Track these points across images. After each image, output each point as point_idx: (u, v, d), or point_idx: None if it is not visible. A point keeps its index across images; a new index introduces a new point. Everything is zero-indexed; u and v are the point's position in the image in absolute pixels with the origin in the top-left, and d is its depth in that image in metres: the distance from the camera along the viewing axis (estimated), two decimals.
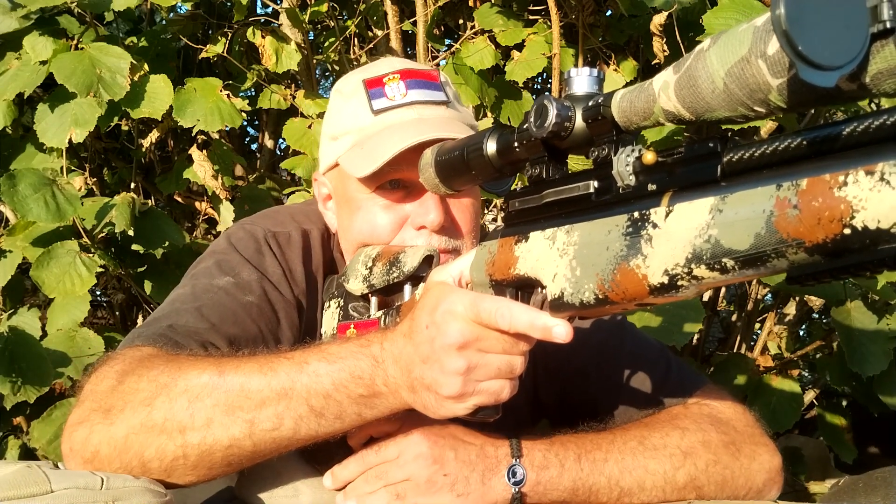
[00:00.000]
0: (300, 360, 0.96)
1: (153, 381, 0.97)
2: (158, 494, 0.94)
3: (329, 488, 1.07)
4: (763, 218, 0.66)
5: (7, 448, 2.21)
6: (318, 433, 0.96)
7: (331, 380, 0.93)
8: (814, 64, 0.54)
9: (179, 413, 0.94)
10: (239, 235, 1.27)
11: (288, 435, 0.95)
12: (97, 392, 1.00)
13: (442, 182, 1.00)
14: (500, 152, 0.91)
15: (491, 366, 0.88)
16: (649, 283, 0.75)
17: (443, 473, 1.00)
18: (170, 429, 0.94)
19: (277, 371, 0.95)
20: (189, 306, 1.14)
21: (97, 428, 0.97)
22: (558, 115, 0.81)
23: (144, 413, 0.95)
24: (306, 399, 0.93)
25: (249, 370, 0.96)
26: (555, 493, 1.03)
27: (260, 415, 0.94)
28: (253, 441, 0.95)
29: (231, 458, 0.96)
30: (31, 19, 2.16)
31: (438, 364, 0.88)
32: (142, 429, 0.95)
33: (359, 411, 0.95)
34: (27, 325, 2.08)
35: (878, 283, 2.13)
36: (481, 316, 0.87)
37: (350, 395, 0.93)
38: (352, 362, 0.94)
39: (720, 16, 1.82)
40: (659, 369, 1.25)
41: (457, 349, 0.87)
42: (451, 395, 0.89)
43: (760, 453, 1.13)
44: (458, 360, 0.87)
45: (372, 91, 1.24)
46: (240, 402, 0.94)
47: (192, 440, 0.94)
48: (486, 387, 0.89)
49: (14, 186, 1.94)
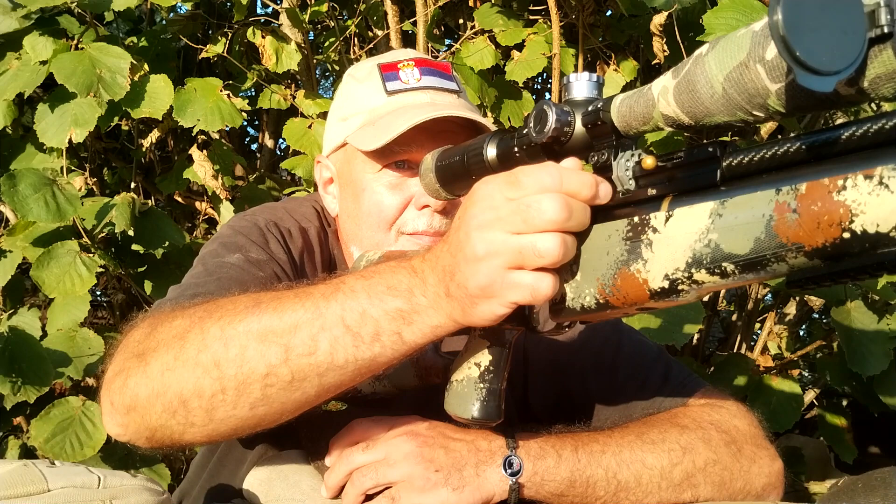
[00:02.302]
0: (338, 282, 0.90)
1: (188, 317, 0.94)
2: (156, 493, 0.94)
3: (326, 498, 1.07)
4: (763, 222, 0.66)
5: (7, 448, 2.22)
6: (357, 358, 0.88)
7: (366, 294, 0.87)
8: (811, 69, 0.54)
9: (212, 343, 0.90)
10: (241, 224, 1.26)
11: (325, 360, 0.88)
12: (130, 342, 0.98)
13: (442, 187, 1.00)
14: (501, 157, 0.91)
15: (512, 248, 0.78)
16: (650, 288, 0.75)
17: (434, 469, 0.98)
18: (204, 361, 0.90)
19: (312, 293, 0.90)
20: (206, 279, 1.12)
21: (133, 373, 0.94)
22: (558, 120, 0.81)
23: (177, 347, 0.92)
24: (341, 317, 0.87)
25: (286, 296, 0.91)
26: (552, 483, 1.01)
27: (294, 339, 0.88)
28: (290, 368, 0.89)
29: (270, 390, 0.90)
30: (31, 19, 2.16)
31: (461, 251, 0.81)
32: (176, 364, 0.91)
33: (398, 329, 0.87)
34: (27, 325, 2.08)
35: (878, 283, 2.13)
36: (521, 179, 0.79)
37: (387, 310, 0.86)
38: (388, 275, 0.88)
39: (720, 16, 1.82)
40: (658, 371, 1.25)
41: (475, 229, 0.80)
42: (478, 287, 0.80)
43: (761, 456, 1.12)
44: (477, 243, 0.79)
45: (386, 74, 1.26)
46: (273, 326, 0.89)
47: (228, 371, 0.89)
48: (517, 278, 0.79)
49: (14, 186, 1.94)
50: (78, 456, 1.94)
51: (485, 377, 0.96)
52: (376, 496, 1.01)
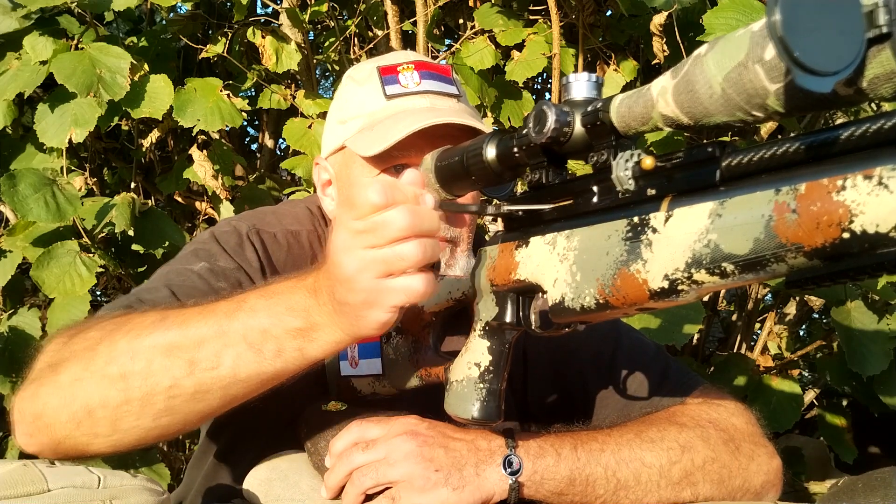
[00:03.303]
0: (239, 299, 0.95)
1: (100, 329, 0.98)
2: (156, 493, 0.94)
3: (326, 498, 1.07)
4: (762, 222, 0.66)
5: (7, 448, 2.22)
6: (259, 373, 0.93)
7: (267, 314, 0.92)
8: (810, 70, 0.54)
9: (120, 356, 0.93)
10: (223, 229, 1.28)
11: (228, 374, 0.92)
12: (47, 352, 1.01)
13: (442, 187, 1.00)
14: (500, 158, 0.91)
15: (376, 261, 0.84)
16: (649, 288, 0.75)
17: (434, 469, 0.98)
18: (112, 373, 0.93)
19: (216, 310, 0.94)
20: (159, 285, 1.16)
21: (44, 382, 0.97)
22: (557, 120, 0.81)
23: (87, 358, 0.95)
24: (244, 335, 0.92)
25: (190, 313, 0.95)
26: (552, 482, 1.01)
27: (199, 354, 0.92)
28: (193, 382, 0.93)
29: (174, 402, 0.94)
30: (31, 19, 2.16)
31: (335, 274, 0.87)
32: (84, 374, 0.94)
33: (299, 346, 0.92)
34: (27, 325, 2.08)
35: (878, 283, 2.13)
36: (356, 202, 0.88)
37: (287, 329, 0.91)
38: (288, 296, 0.92)
39: (720, 16, 1.82)
40: (656, 370, 1.25)
41: (341, 252, 0.85)
42: (358, 301, 0.86)
43: (759, 454, 1.12)
44: (344, 264, 0.85)
45: (386, 77, 1.25)
46: (178, 341, 0.93)
47: (134, 383, 0.93)
48: (390, 284, 0.85)
49: (14, 186, 1.94)
50: None
51: (485, 377, 0.96)
52: (376, 496, 1.02)
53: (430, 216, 0.86)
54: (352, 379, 1.18)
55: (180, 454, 2.36)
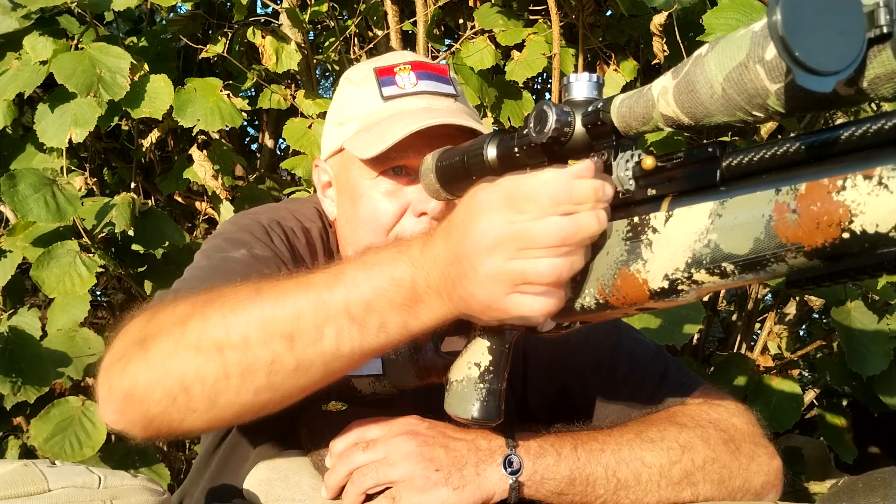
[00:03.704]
0: (337, 271, 0.89)
1: (190, 304, 0.93)
2: (156, 493, 0.94)
3: (327, 498, 1.07)
4: (762, 222, 0.66)
5: (7, 448, 2.22)
6: (363, 347, 0.89)
7: (370, 287, 0.86)
8: (811, 69, 0.54)
9: (214, 329, 0.89)
10: (244, 221, 1.25)
11: (331, 349, 0.88)
12: (131, 329, 0.97)
13: (443, 187, 1.00)
14: (501, 157, 0.91)
15: (518, 272, 0.78)
16: (650, 288, 0.75)
17: (434, 469, 0.98)
18: (206, 347, 0.89)
19: (314, 283, 0.89)
20: (211, 273, 1.11)
21: (133, 358, 0.93)
22: (558, 120, 0.81)
23: (178, 333, 0.91)
24: (346, 308, 0.87)
25: (286, 285, 0.90)
26: (552, 482, 1.01)
27: (299, 327, 0.88)
28: (295, 356, 0.88)
29: (274, 376, 0.90)
30: (31, 19, 2.15)
31: (467, 267, 0.80)
32: (177, 349, 0.90)
33: (403, 321, 0.87)
34: (27, 325, 2.08)
35: (878, 283, 2.13)
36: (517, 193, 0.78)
37: (391, 303, 0.86)
38: (390, 267, 0.87)
39: (720, 16, 1.82)
40: (656, 369, 1.25)
41: (485, 251, 0.79)
42: (482, 302, 0.81)
43: (760, 454, 1.12)
44: (484, 264, 0.79)
45: (382, 79, 1.24)
46: (276, 315, 0.88)
47: (232, 358, 0.89)
48: (518, 300, 0.80)
49: (14, 186, 1.94)
50: (77, 456, 1.94)
51: (485, 377, 0.96)
52: (377, 496, 1.02)
53: (592, 222, 0.78)
54: (352, 379, 1.17)
55: (180, 454, 2.36)
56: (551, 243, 0.77)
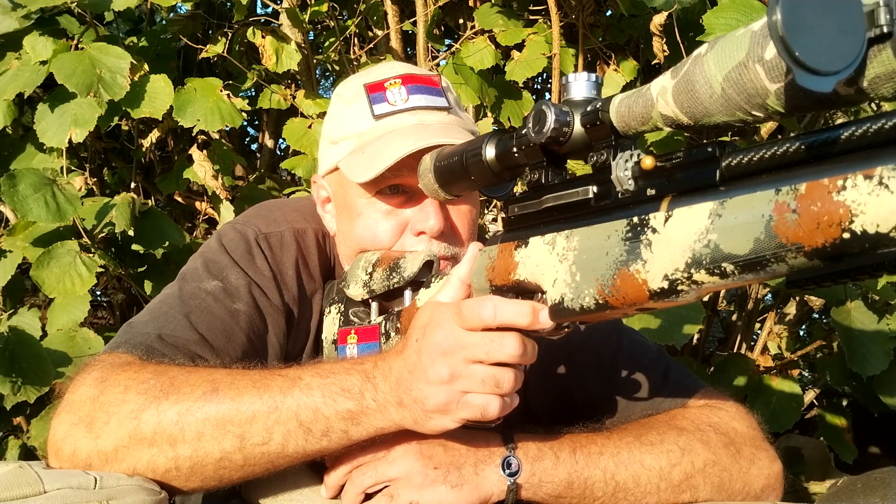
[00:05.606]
0: (294, 376, 0.98)
1: (142, 393, 0.97)
2: (153, 493, 0.94)
3: (325, 498, 1.07)
4: (762, 222, 0.66)
5: (7, 448, 2.22)
6: (305, 450, 0.97)
7: (321, 393, 0.95)
8: (811, 69, 0.54)
9: (168, 426, 0.95)
10: (230, 236, 1.25)
11: (276, 450, 0.96)
12: (75, 403, 1.00)
13: (441, 188, 1.00)
14: (499, 158, 0.91)
15: (475, 377, 0.90)
16: (649, 288, 0.75)
17: (433, 467, 0.99)
18: (159, 441, 0.95)
19: (270, 386, 0.97)
20: (177, 312, 1.14)
21: (82, 443, 0.97)
22: (557, 120, 0.81)
23: (132, 425, 0.96)
24: (296, 413, 0.95)
25: (243, 386, 0.97)
26: (550, 485, 1.01)
27: (250, 429, 0.95)
28: (243, 455, 0.96)
29: (222, 471, 0.97)
30: (31, 19, 2.16)
31: (423, 373, 0.91)
32: (131, 441, 0.96)
33: (345, 428, 0.96)
34: (27, 325, 2.08)
35: (878, 283, 2.13)
36: (464, 313, 0.90)
37: (338, 410, 0.95)
38: (343, 377, 0.96)
39: (720, 16, 1.82)
40: (657, 372, 1.25)
41: (440, 356, 0.90)
42: (436, 406, 0.91)
43: (760, 458, 1.12)
44: (441, 368, 0.90)
45: (373, 96, 1.23)
46: (231, 415, 0.95)
47: (184, 452, 0.95)
48: (471, 400, 0.91)
49: (14, 186, 1.94)
50: None
51: None
52: (376, 495, 1.02)
53: (533, 351, 0.92)
54: None
55: None
56: (507, 358, 0.90)
